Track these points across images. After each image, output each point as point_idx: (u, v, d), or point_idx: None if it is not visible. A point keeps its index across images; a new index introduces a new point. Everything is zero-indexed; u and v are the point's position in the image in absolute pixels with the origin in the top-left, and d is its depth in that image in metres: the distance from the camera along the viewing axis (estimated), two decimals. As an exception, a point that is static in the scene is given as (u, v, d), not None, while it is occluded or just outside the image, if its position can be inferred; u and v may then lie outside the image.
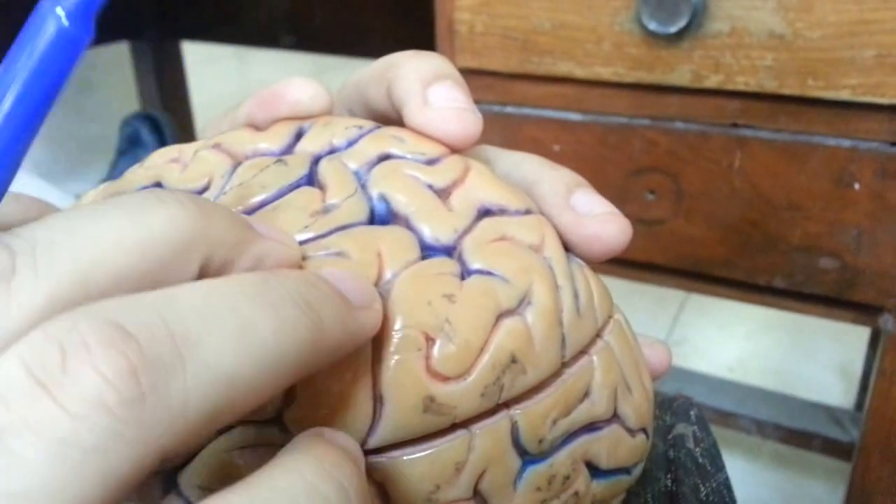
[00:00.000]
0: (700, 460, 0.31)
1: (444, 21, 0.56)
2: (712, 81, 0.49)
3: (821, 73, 0.46)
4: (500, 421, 0.20)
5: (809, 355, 1.09)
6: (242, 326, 0.14)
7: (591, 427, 0.22)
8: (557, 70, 0.54)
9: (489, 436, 0.19)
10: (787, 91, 0.48)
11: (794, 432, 0.73)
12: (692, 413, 0.33)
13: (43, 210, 0.17)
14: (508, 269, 0.20)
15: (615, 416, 0.22)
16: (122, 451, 0.12)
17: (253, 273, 0.16)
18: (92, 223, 0.15)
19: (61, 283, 0.14)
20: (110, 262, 0.14)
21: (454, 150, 0.24)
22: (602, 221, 0.23)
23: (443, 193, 0.22)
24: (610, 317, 0.23)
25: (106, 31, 1.23)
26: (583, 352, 0.22)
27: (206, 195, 0.22)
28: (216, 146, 0.24)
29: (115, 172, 1.36)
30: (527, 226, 0.22)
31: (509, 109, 0.57)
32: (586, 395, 0.21)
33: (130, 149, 1.37)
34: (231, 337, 0.14)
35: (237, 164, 0.23)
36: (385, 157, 0.23)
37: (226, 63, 2.34)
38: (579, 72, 0.53)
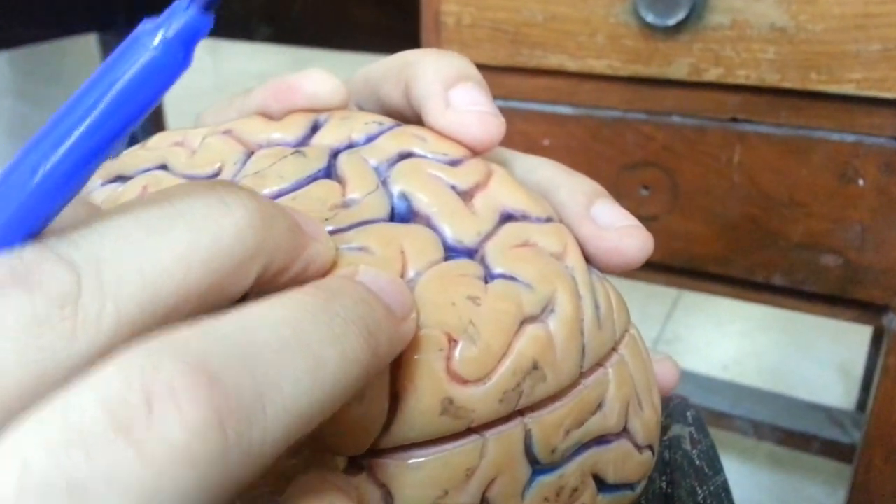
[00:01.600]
0: (697, 462, 0.30)
1: (430, 12, 0.56)
2: (712, 75, 0.48)
3: (824, 66, 0.46)
4: (514, 428, 0.19)
5: (808, 354, 1.07)
6: (315, 366, 0.14)
7: (601, 440, 0.21)
8: (549, 63, 0.53)
9: (502, 443, 0.19)
10: (789, 85, 0.47)
11: (793, 434, 0.72)
12: (689, 414, 0.32)
13: (89, 207, 0.16)
14: (532, 276, 0.20)
15: (625, 431, 0.22)
16: (202, 501, 0.12)
17: (314, 294, 0.16)
18: (155, 235, 0.14)
19: (129, 306, 0.14)
20: (176, 280, 0.14)
21: (475, 152, 0.23)
22: (623, 235, 0.23)
23: (465, 195, 0.22)
24: (626, 331, 0.23)
25: (75, 22, 1.19)
26: (599, 363, 0.21)
27: None
28: (227, 132, 0.24)
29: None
30: (549, 234, 0.22)
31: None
32: (599, 407, 0.21)
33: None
34: (304, 377, 0.14)
35: (250, 152, 0.23)
36: (406, 155, 0.23)
37: (199, 55, 2.29)
38: (571, 65, 0.52)
